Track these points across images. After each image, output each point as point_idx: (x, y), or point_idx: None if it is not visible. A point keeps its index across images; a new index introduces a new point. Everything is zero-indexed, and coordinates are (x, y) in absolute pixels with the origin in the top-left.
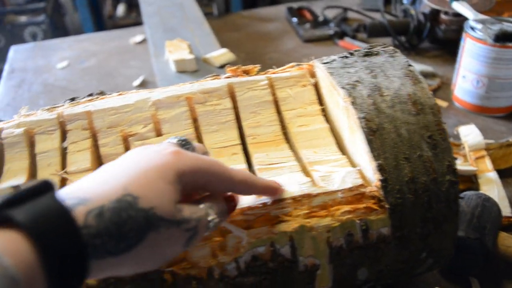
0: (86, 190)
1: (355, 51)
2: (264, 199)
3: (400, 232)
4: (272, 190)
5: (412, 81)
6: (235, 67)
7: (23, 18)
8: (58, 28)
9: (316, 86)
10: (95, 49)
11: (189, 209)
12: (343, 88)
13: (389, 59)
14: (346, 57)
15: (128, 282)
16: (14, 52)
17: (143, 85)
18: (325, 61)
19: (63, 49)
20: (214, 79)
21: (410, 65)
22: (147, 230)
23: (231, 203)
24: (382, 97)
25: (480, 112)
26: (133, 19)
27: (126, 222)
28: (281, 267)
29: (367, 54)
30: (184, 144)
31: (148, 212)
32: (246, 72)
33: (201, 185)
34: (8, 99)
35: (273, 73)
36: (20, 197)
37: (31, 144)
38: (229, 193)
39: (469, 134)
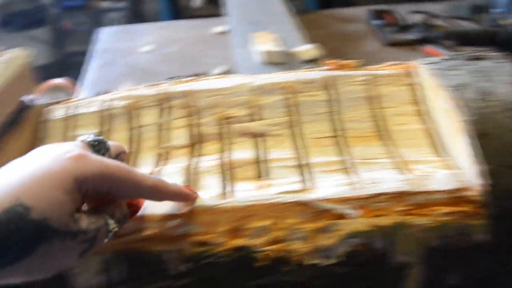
0: None
1: (460, 54)
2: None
3: (498, 241)
4: (184, 196)
5: None
6: (333, 61)
7: (105, 4)
8: (136, 15)
9: (416, 86)
10: (177, 36)
11: (87, 219)
12: (448, 90)
13: (496, 65)
14: (451, 59)
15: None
16: (103, 34)
17: (223, 74)
18: (429, 61)
19: (147, 34)
20: (312, 70)
21: None
22: (38, 242)
23: (133, 207)
24: (488, 102)
25: None
26: (210, 10)
27: (13, 234)
28: (374, 261)
29: (473, 58)
30: (97, 144)
31: (40, 223)
32: (343, 66)
33: (105, 190)
34: (95, 77)
35: (373, 69)
36: None
37: (133, 117)
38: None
39: None
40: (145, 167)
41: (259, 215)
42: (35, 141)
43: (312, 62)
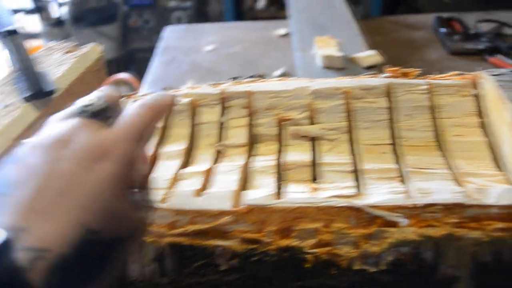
0: (41, 235)
1: None
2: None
3: None
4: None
5: None
6: (395, 68)
7: (172, 3)
8: (201, 15)
9: (478, 98)
10: (240, 37)
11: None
12: None
13: None
14: None
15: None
16: (168, 32)
17: (283, 76)
18: (494, 73)
19: (211, 33)
20: (373, 77)
21: None
22: (112, 255)
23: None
24: None
25: None
26: (272, 13)
27: (92, 261)
28: (420, 271)
29: None
30: (89, 110)
31: (112, 240)
32: (405, 75)
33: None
34: (159, 73)
35: (434, 78)
36: None
37: (194, 114)
38: None
39: None
40: (203, 163)
41: (309, 217)
42: None
43: (373, 68)
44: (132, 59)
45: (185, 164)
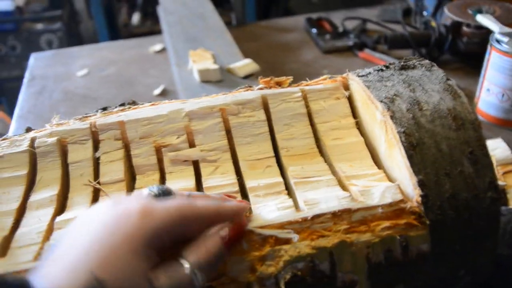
0: (53, 280)
1: (391, 64)
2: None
3: (439, 249)
4: (244, 208)
5: (451, 95)
6: (268, 79)
7: (39, 26)
8: (73, 35)
9: (349, 99)
10: (114, 57)
11: (165, 273)
12: (381, 101)
13: (427, 73)
14: (382, 70)
15: None
16: (35, 60)
17: (163, 94)
18: (361, 74)
19: (82, 57)
20: (246, 90)
21: (448, 79)
22: None
23: (235, 232)
24: (421, 111)
25: (505, 125)
26: (148, 27)
27: None
28: (320, 283)
29: (404, 68)
30: (162, 194)
31: None
32: (279, 84)
33: (180, 235)
34: (29, 106)
35: (306, 85)
36: None
37: (64, 154)
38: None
39: (496, 149)
40: (81, 206)
41: None
42: None
43: (251, 77)
44: (1, 90)
45: (60, 210)
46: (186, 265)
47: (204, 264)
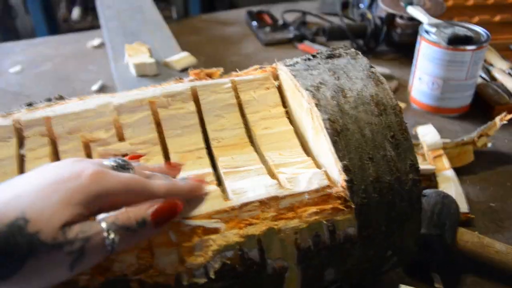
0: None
1: (318, 53)
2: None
3: (366, 232)
4: (196, 189)
5: (374, 82)
6: (198, 70)
7: None
8: (8, 31)
9: (279, 89)
10: (50, 53)
11: (79, 227)
12: (307, 90)
13: (352, 61)
14: (309, 59)
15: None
16: None
17: (102, 90)
18: (288, 63)
19: (16, 53)
20: (177, 82)
21: (372, 67)
22: (27, 256)
23: (166, 210)
24: (345, 98)
25: (436, 112)
26: (89, 22)
27: (12, 249)
28: (250, 271)
29: (330, 57)
30: (120, 167)
31: (32, 237)
32: (210, 75)
33: (121, 204)
34: None
35: (237, 76)
36: None
37: None
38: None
39: (427, 134)
40: None
41: None
42: None
43: (188, 70)
44: None
45: None
46: (103, 224)
47: (120, 226)
